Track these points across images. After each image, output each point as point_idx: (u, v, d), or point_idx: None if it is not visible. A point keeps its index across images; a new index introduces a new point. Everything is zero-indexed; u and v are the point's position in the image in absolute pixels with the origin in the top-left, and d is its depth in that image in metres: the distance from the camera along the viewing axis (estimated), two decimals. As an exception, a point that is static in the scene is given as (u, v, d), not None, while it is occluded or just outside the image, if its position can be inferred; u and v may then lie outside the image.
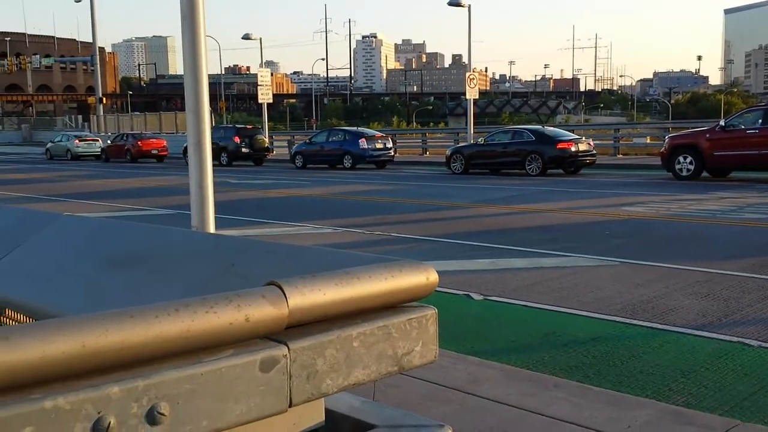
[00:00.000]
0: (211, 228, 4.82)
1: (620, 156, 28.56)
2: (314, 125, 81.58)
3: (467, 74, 31.28)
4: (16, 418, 0.80)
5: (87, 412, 0.85)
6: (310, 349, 1.08)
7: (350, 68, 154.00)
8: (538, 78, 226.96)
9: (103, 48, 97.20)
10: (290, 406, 1.06)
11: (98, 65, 51.91)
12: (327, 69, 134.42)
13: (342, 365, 1.13)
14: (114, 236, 1.98)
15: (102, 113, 52.96)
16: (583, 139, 23.41)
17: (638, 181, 19.06)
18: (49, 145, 43.29)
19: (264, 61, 40.67)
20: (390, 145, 28.46)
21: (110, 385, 0.87)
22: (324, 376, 1.11)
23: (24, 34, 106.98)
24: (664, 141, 20.69)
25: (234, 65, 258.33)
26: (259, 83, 37.04)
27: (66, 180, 24.87)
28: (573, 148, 21.84)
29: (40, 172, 29.06)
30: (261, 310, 1.04)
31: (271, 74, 39.95)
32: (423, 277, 1.28)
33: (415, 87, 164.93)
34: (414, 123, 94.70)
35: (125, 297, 1.63)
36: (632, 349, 5.13)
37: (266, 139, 34.20)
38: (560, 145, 21.77)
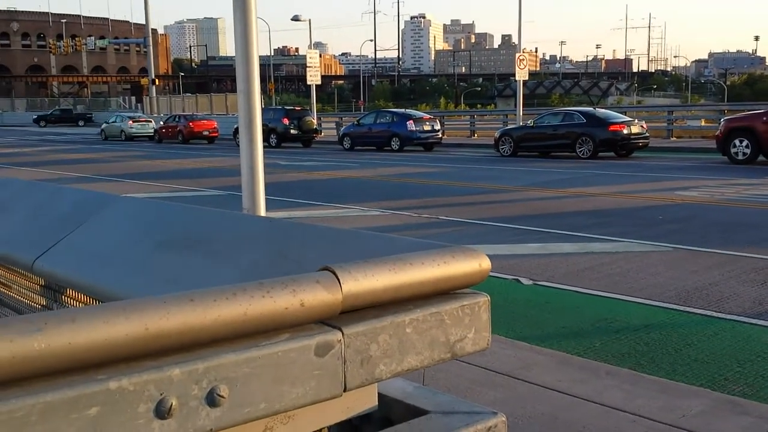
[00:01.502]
0: (262, 209, 4.87)
1: (674, 139, 27.92)
2: (362, 107, 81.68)
3: (517, 55, 30.87)
4: (83, 398, 0.81)
5: (150, 393, 0.86)
6: (364, 335, 1.09)
7: (398, 49, 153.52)
8: (590, 59, 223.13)
9: (155, 30, 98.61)
10: (345, 390, 1.07)
11: (151, 47, 52.74)
12: (375, 50, 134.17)
13: (395, 351, 1.13)
14: (170, 218, 2.00)
15: (154, 94, 53.88)
16: (636, 121, 22.89)
17: (692, 165, 18.62)
18: (104, 125, 44.19)
19: (313, 42, 40.80)
20: (438, 127, 28.29)
21: (172, 367, 0.89)
22: (377, 361, 1.11)
23: (79, 16, 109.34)
24: (719, 123, 20.14)
25: (283, 46, 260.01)
26: (307, 65, 37.16)
27: (120, 160, 25.39)
28: (625, 131, 21.40)
29: (95, 152, 29.72)
30: (316, 295, 1.04)
31: (320, 56, 40.03)
32: (476, 263, 1.27)
33: (463, 68, 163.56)
34: (462, 104, 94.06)
35: (184, 279, 1.65)
36: (686, 337, 5.03)
37: (314, 121, 34.34)
38: (612, 128, 21.36)
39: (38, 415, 0.79)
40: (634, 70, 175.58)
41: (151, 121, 42.70)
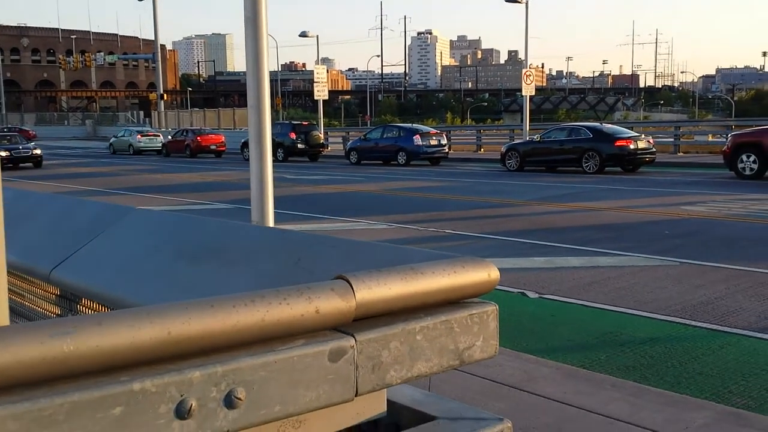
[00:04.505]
0: (271, 222, 4.92)
1: (681, 154, 27.89)
2: (369, 121, 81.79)
3: (523, 71, 30.99)
4: (108, 399, 0.85)
5: (171, 394, 0.90)
6: (376, 341, 1.11)
7: (405, 65, 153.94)
8: (596, 74, 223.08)
9: (164, 45, 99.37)
10: (356, 395, 1.09)
11: (159, 62, 53.03)
12: (382, 65, 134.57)
13: (405, 357, 1.15)
14: (185, 230, 2.05)
15: (163, 109, 54.12)
16: (643, 136, 22.92)
17: (699, 180, 18.62)
18: (113, 140, 44.34)
19: (320, 57, 40.97)
20: (444, 141, 28.34)
21: (192, 370, 0.92)
22: (388, 367, 1.13)
23: (89, 32, 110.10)
24: (726, 139, 20.13)
25: (290, 62, 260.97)
26: (315, 80, 37.35)
27: (129, 174, 25.51)
28: (632, 146, 21.42)
29: (104, 166, 29.88)
30: (330, 303, 1.07)
31: (327, 71, 40.23)
32: (485, 273, 1.30)
33: (470, 83, 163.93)
34: (469, 120, 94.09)
35: (199, 288, 1.69)
36: (691, 351, 5.05)
37: (321, 135, 34.46)
38: (618, 143, 21.39)
39: (65, 414, 0.82)
40: (641, 85, 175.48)
41: (159, 136, 42.85)
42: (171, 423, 0.90)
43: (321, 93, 36.54)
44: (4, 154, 28.71)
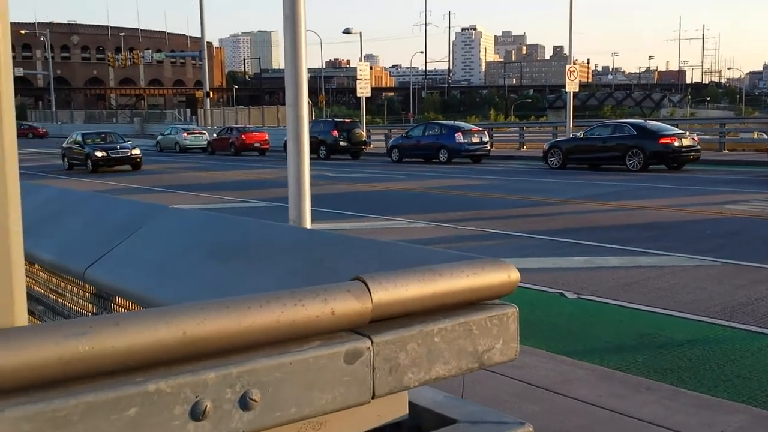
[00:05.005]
0: (308, 221, 4.96)
1: (726, 152, 27.27)
2: (411, 119, 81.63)
3: (567, 67, 30.61)
4: (124, 400, 0.86)
5: (186, 395, 0.90)
6: (393, 343, 1.11)
7: (449, 61, 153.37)
8: (643, 70, 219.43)
9: (210, 43, 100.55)
10: (373, 397, 1.10)
11: (206, 60, 53.68)
12: (425, 62, 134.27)
13: (423, 360, 1.16)
14: (215, 229, 2.08)
15: (209, 107, 54.72)
16: (687, 133, 22.48)
17: (744, 179, 18.21)
18: (159, 137, 44.98)
19: (363, 54, 41.09)
20: (486, 139, 28.17)
21: (207, 371, 0.93)
22: (406, 369, 1.13)
23: (137, 30, 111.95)
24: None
25: (335, 59, 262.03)
26: (357, 77, 37.46)
27: (174, 172, 25.90)
28: (676, 143, 21.03)
29: (149, 164, 30.29)
30: (346, 304, 1.08)
31: (370, 68, 40.29)
32: (505, 275, 1.28)
33: (514, 79, 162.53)
34: (512, 116, 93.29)
35: (226, 287, 1.72)
36: (730, 353, 4.97)
37: (364, 133, 34.51)
38: (663, 140, 21.02)
39: (80, 414, 0.83)
40: (688, 81, 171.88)
41: (204, 133, 43.28)
42: (186, 424, 0.90)
43: (364, 90, 36.62)
44: (99, 154, 25.80)
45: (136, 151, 27.09)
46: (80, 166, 26.58)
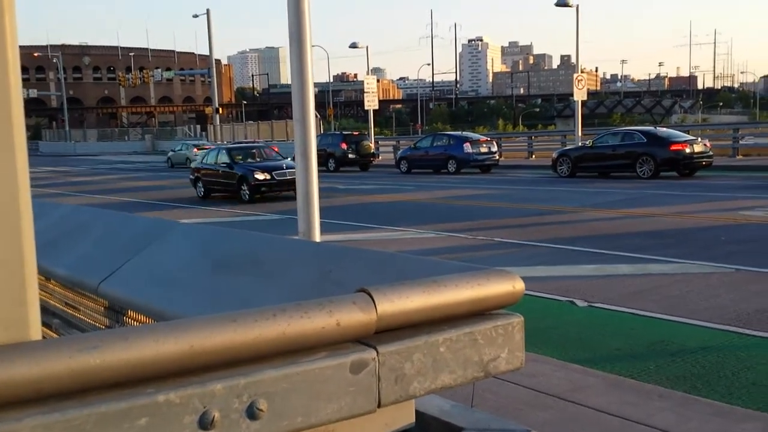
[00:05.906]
0: (317, 233, 4.99)
1: (740, 157, 27.14)
2: (420, 130, 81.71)
3: (575, 75, 30.64)
4: (134, 410, 0.89)
5: (194, 406, 0.93)
6: (398, 353, 1.13)
7: (456, 72, 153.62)
8: (652, 77, 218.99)
9: (219, 60, 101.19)
10: (379, 406, 1.11)
11: (215, 77, 54.04)
12: (432, 74, 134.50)
13: (429, 369, 1.17)
14: (224, 243, 2.12)
15: (218, 123, 55.01)
16: (699, 140, 22.40)
17: (758, 184, 18.09)
18: (170, 153, 45.28)
19: (371, 68, 41.21)
20: (495, 148, 28.16)
21: (214, 382, 0.95)
22: (411, 379, 1.15)
23: (147, 49, 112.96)
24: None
25: (342, 73, 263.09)
26: (365, 90, 37.64)
27: (186, 187, 25.98)
28: (687, 150, 20.95)
29: (161, 179, 30.49)
30: (351, 316, 1.10)
31: (378, 80, 40.45)
32: (509, 285, 1.30)
33: (521, 89, 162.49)
34: (521, 126, 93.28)
35: (233, 299, 1.75)
36: (744, 360, 4.94)
37: (372, 145, 34.63)
38: (673, 147, 20.95)
39: (93, 424, 0.86)
40: (699, 87, 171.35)
41: (215, 149, 43.40)
42: None
43: (371, 103, 36.78)
44: (262, 177, 19.42)
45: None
46: (222, 193, 20.97)
